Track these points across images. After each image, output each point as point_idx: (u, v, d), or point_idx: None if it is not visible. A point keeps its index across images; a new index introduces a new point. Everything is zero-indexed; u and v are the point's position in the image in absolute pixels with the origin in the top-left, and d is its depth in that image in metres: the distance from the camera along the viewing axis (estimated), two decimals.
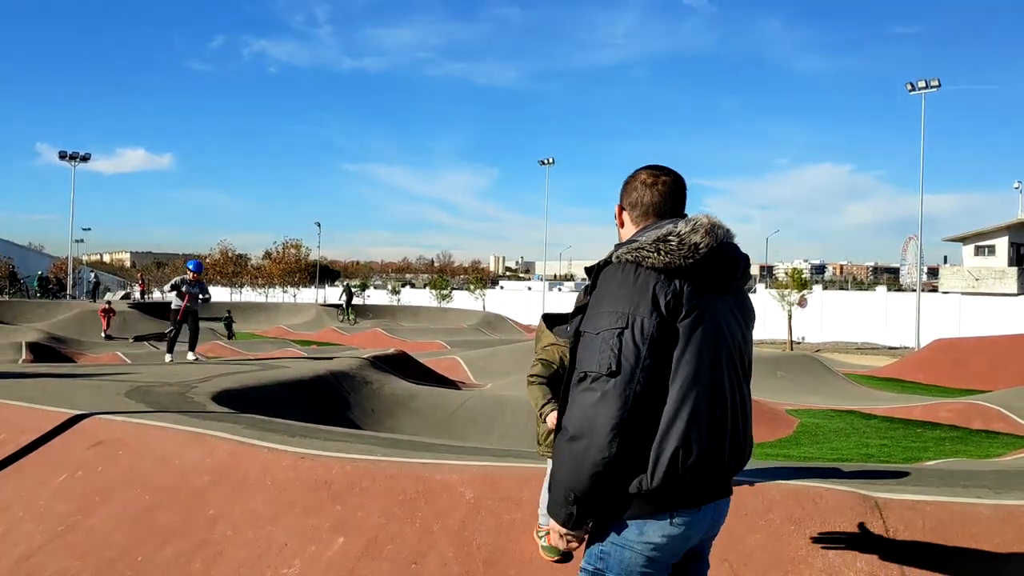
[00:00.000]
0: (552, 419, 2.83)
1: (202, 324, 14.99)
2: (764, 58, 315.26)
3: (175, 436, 5.01)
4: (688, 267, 1.95)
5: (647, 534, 1.97)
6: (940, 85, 39.77)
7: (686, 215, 2.18)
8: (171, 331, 12.86)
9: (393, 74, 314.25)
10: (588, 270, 2.10)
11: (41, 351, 20.82)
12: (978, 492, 3.46)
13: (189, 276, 12.83)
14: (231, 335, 29.51)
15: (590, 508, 1.93)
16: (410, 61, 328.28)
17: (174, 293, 12.72)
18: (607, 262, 2.03)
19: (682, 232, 1.98)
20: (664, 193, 2.17)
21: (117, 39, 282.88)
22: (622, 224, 2.24)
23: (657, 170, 2.22)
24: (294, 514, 3.92)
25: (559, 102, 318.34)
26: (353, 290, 45.21)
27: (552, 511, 1.98)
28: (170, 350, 13.12)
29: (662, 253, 1.94)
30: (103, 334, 27.96)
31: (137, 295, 48.27)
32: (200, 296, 12.81)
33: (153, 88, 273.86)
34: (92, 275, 47.81)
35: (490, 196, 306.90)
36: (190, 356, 12.78)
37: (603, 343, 1.89)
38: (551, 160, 58.17)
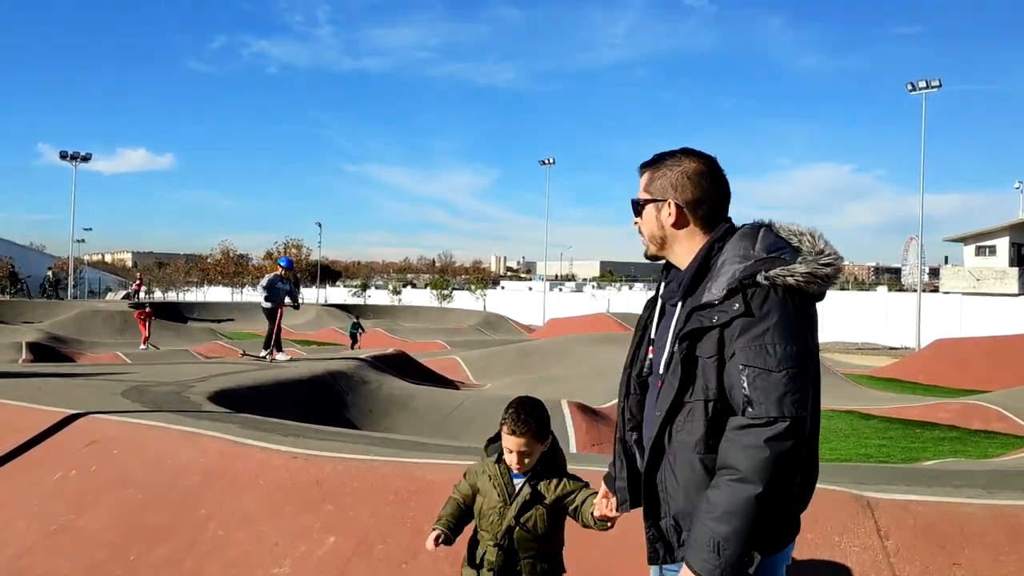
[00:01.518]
0: (432, 541, 2.59)
1: (200, 324, 14.91)
2: (764, 58, 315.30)
3: (169, 436, 5.01)
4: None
5: (785, 562, 1.89)
6: (940, 85, 39.69)
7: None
8: (274, 333, 12.58)
9: (393, 74, 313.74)
10: (732, 291, 1.76)
11: (41, 351, 20.88)
12: (970, 492, 3.46)
13: (281, 272, 12.56)
14: (355, 343, 26.13)
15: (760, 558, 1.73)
16: (410, 61, 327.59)
17: (265, 294, 12.33)
18: (753, 282, 1.74)
19: (829, 251, 1.79)
20: (726, 188, 1.95)
21: (117, 39, 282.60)
22: (679, 225, 1.92)
23: (707, 159, 1.95)
24: (285, 514, 3.92)
25: (559, 102, 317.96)
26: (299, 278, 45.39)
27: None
28: (279, 348, 12.77)
29: (825, 279, 1.76)
30: (143, 346, 23.86)
31: (134, 294, 48.32)
32: (293, 301, 12.59)
33: (153, 88, 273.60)
34: (49, 272, 47.10)
35: (491, 196, 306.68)
36: (280, 356, 12.44)
37: (791, 382, 1.66)
38: (551, 160, 58.12)
